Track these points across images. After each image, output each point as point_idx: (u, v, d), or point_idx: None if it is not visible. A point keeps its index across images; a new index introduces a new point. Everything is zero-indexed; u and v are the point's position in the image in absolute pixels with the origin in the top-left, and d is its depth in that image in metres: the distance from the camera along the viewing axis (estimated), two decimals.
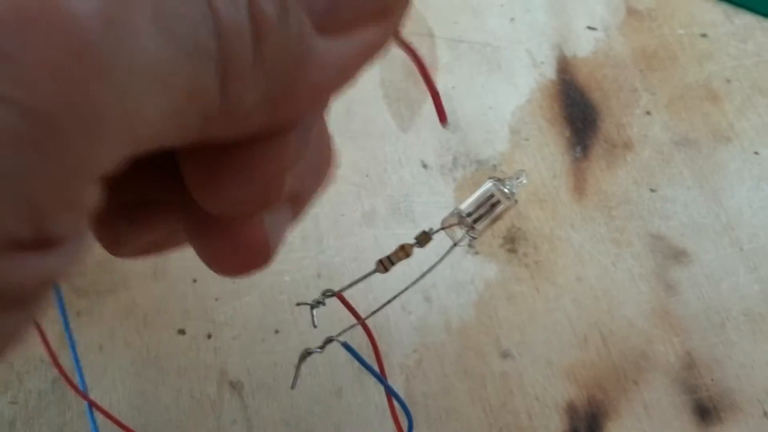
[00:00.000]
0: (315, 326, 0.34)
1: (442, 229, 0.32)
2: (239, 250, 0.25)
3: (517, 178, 0.33)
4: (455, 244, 0.32)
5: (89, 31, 0.16)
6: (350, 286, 0.33)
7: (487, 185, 0.33)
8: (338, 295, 0.34)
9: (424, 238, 0.32)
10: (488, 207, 0.33)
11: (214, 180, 0.23)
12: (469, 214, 0.33)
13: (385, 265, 0.32)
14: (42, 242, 0.18)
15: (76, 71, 0.16)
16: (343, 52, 0.21)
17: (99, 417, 0.42)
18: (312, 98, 0.21)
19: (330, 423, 0.44)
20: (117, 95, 0.17)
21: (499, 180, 0.33)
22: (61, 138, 0.16)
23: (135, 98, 0.17)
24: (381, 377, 0.37)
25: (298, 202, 0.27)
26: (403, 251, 0.32)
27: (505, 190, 0.33)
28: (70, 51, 0.16)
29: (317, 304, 0.34)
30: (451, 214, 0.33)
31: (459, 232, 0.33)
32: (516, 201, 0.33)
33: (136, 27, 0.17)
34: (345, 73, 0.22)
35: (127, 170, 0.19)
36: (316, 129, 0.25)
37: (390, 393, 0.37)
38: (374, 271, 0.33)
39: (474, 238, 0.34)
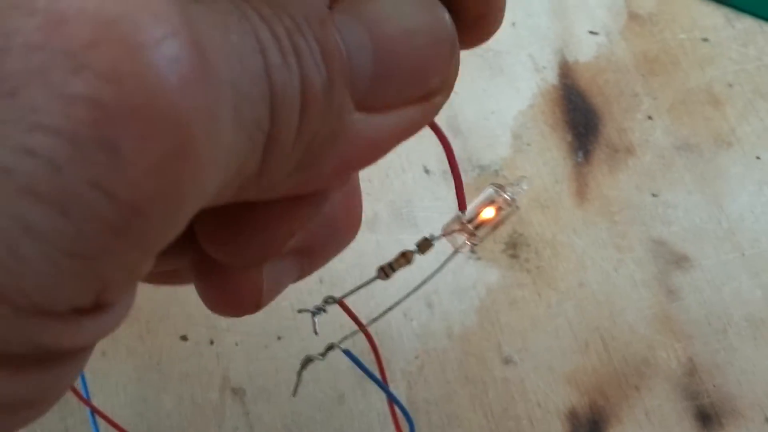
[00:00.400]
0: (316, 333, 0.34)
1: (443, 236, 0.32)
2: (231, 295, 0.26)
3: (518, 185, 0.33)
4: (456, 251, 0.32)
5: (193, 125, 0.16)
6: (351, 292, 0.33)
7: (488, 192, 0.33)
8: (340, 302, 0.34)
9: (424, 245, 0.32)
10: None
11: (222, 232, 0.23)
12: (470, 221, 0.32)
13: (386, 272, 0.32)
14: (99, 308, 0.18)
15: (175, 167, 0.16)
16: (378, 129, 0.21)
17: (101, 423, 0.42)
18: (340, 171, 0.21)
19: (332, 430, 0.44)
20: (198, 186, 0.17)
21: (500, 186, 0.33)
22: (143, 227, 0.16)
23: (208, 185, 0.17)
24: (382, 384, 0.37)
25: (309, 257, 0.27)
26: (404, 258, 0.32)
27: (507, 197, 0.33)
28: (173, 146, 0.16)
29: (318, 311, 0.34)
30: (452, 221, 0.33)
31: (460, 238, 0.33)
32: (518, 207, 0.33)
33: (224, 118, 0.17)
34: (377, 150, 0.22)
35: None
36: (340, 193, 0.25)
37: (392, 400, 0.38)
38: (375, 278, 0.33)
39: (475, 245, 0.34)
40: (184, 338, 0.46)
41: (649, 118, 0.54)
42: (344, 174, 0.22)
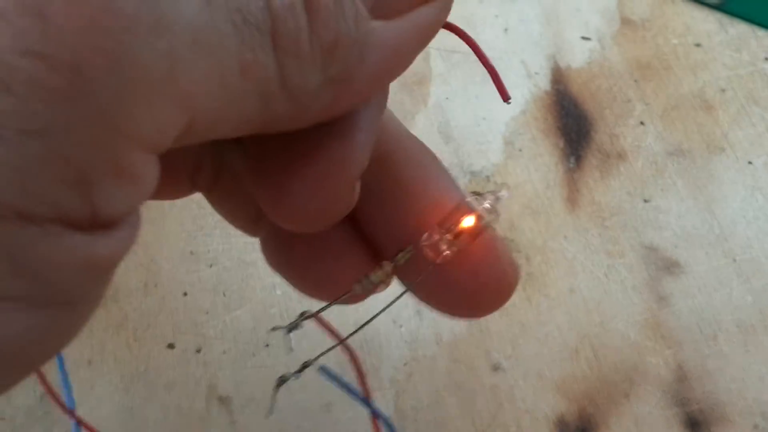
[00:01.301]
0: (291, 350, 0.33)
1: (422, 246, 0.32)
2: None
3: (499, 193, 0.33)
4: (435, 263, 0.32)
5: None
6: (327, 307, 0.33)
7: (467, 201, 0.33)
8: (316, 316, 0.33)
9: (401, 256, 0.31)
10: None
11: (284, 196, 0.23)
12: (449, 230, 0.32)
13: (363, 285, 0.32)
14: (92, 223, 0.17)
15: (104, 24, 0.16)
16: (399, 34, 0.22)
17: None
18: (373, 80, 0.22)
19: None
20: (151, 54, 0.17)
21: (479, 195, 0.33)
22: (94, 92, 0.16)
23: (175, 61, 0.17)
24: (363, 398, 0.36)
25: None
26: (381, 270, 0.31)
27: (486, 205, 0.33)
28: (98, 5, 0.16)
29: (293, 328, 0.33)
30: (431, 231, 0.33)
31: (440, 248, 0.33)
32: (498, 215, 0.33)
33: None
34: (403, 55, 0.22)
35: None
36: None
37: (374, 414, 0.37)
38: (351, 293, 0.32)
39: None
40: (171, 346, 0.46)
41: (642, 123, 0.54)
42: (377, 83, 0.23)
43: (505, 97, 0.28)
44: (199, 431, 0.44)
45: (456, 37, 0.28)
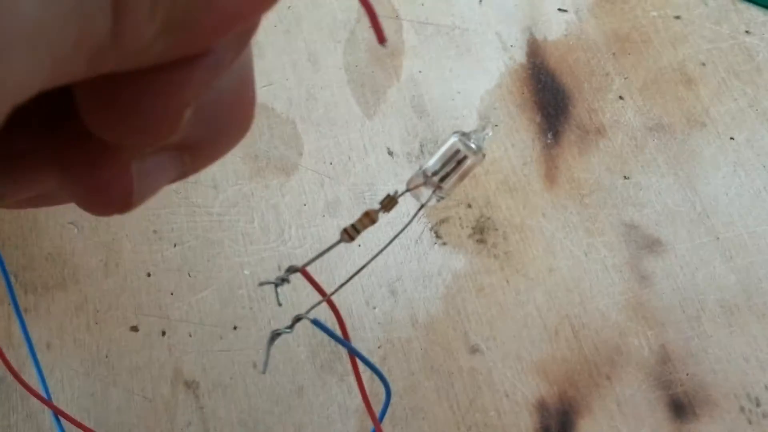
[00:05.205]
0: (280, 304, 0.32)
1: (408, 191, 0.30)
2: (99, 191, 0.23)
3: (483, 130, 0.31)
4: (423, 205, 0.30)
5: None
6: (314, 259, 0.31)
7: (452, 140, 0.31)
8: (302, 270, 0.32)
9: (389, 203, 0.30)
10: (454, 163, 0.31)
11: (108, 107, 0.20)
12: (435, 173, 0.30)
13: (350, 233, 0.30)
14: None
15: None
16: None
17: (46, 418, 0.40)
18: (217, 28, 0.18)
19: (291, 424, 0.42)
20: None
21: (464, 134, 0.31)
22: None
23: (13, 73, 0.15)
24: (354, 349, 0.35)
25: (191, 151, 0.25)
26: (368, 218, 0.30)
27: (471, 145, 0.31)
28: None
29: (281, 281, 0.32)
30: (416, 174, 0.31)
31: (426, 192, 0.31)
32: (484, 155, 0.31)
33: None
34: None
35: None
36: (231, 71, 0.23)
37: (366, 364, 0.36)
38: (339, 242, 0.31)
39: (442, 198, 0.32)
40: (134, 329, 0.44)
41: (620, 98, 0.52)
42: (223, 30, 0.19)
43: (381, 39, 0.25)
44: (165, 417, 0.42)
45: (429, 9, 0.26)
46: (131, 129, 0.20)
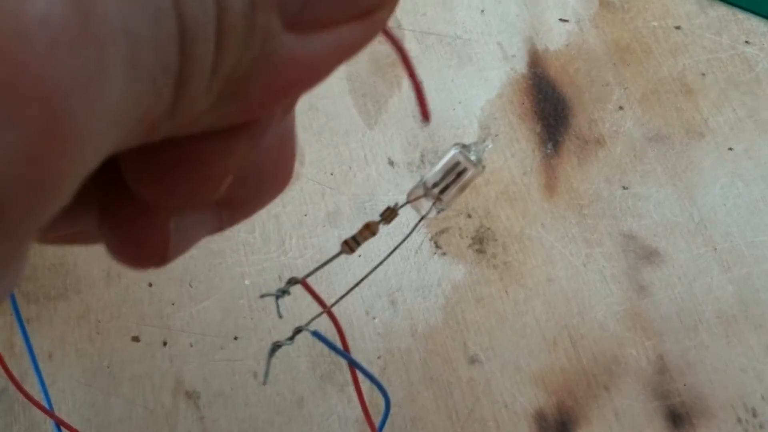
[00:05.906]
0: (280, 316, 0.32)
1: (408, 203, 0.30)
2: (136, 245, 0.23)
3: (483, 142, 0.32)
4: (423, 217, 0.31)
5: (65, 98, 0.13)
6: (315, 271, 0.32)
7: (452, 152, 0.32)
8: (303, 282, 0.32)
9: (389, 215, 0.30)
10: (455, 175, 0.31)
11: (151, 169, 0.21)
12: (435, 185, 0.31)
13: (350, 245, 0.31)
14: None
15: (43, 151, 0.13)
16: (313, 51, 0.18)
17: (48, 429, 0.41)
18: (270, 100, 0.18)
19: None
20: (77, 162, 0.14)
21: (464, 146, 0.31)
22: (10, 220, 0.13)
23: (92, 154, 0.15)
24: (354, 360, 0.35)
25: (229, 207, 0.25)
26: (368, 230, 0.30)
27: (472, 157, 0.31)
28: (40, 128, 0.13)
29: (282, 293, 0.32)
30: (416, 186, 0.31)
31: (426, 204, 0.32)
32: (484, 167, 0.32)
33: (113, 74, 0.14)
34: (313, 74, 0.19)
35: None
36: (273, 134, 0.23)
37: (367, 377, 0.36)
38: (340, 253, 0.31)
39: (442, 210, 0.32)
40: (136, 339, 0.45)
41: (620, 108, 0.53)
42: (276, 102, 0.19)
43: (426, 117, 0.26)
44: (165, 428, 0.43)
45: (431, 19, 0.26)
46: (174, 193, 0.21)
